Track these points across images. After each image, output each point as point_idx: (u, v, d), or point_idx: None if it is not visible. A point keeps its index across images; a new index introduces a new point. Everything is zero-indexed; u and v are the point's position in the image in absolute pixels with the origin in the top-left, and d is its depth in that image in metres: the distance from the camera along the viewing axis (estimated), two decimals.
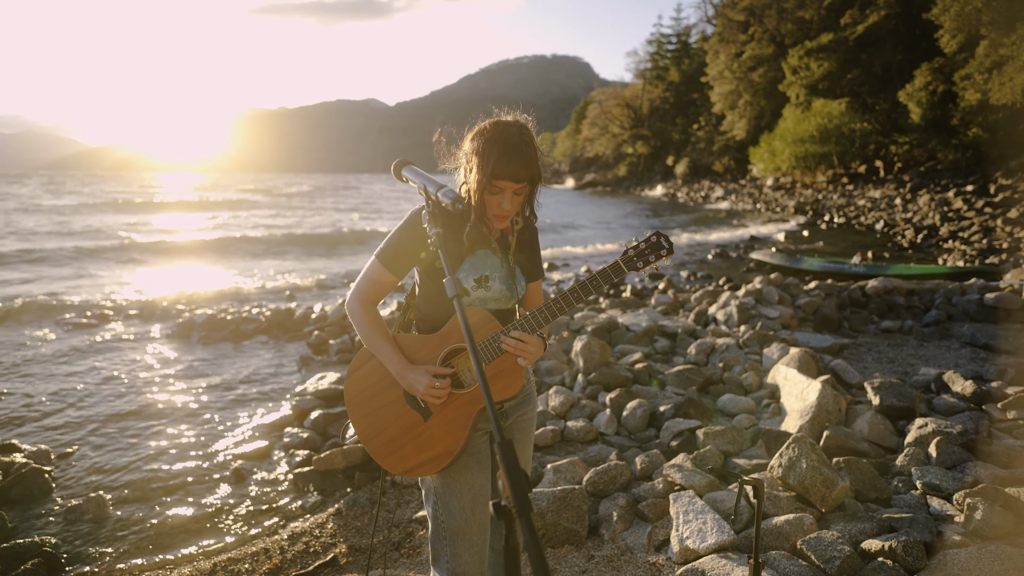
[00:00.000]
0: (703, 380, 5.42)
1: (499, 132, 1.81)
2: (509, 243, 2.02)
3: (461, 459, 1.95)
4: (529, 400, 2.20)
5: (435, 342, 1.92)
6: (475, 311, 1.90)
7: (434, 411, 1.90)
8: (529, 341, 1.84)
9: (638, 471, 3.87)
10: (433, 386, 1.83)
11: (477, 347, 1.87)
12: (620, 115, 78.84)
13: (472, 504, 1.94)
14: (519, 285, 2.03)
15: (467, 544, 1.94)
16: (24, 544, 3.31)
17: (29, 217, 27.00)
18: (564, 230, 26.43)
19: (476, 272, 1.94)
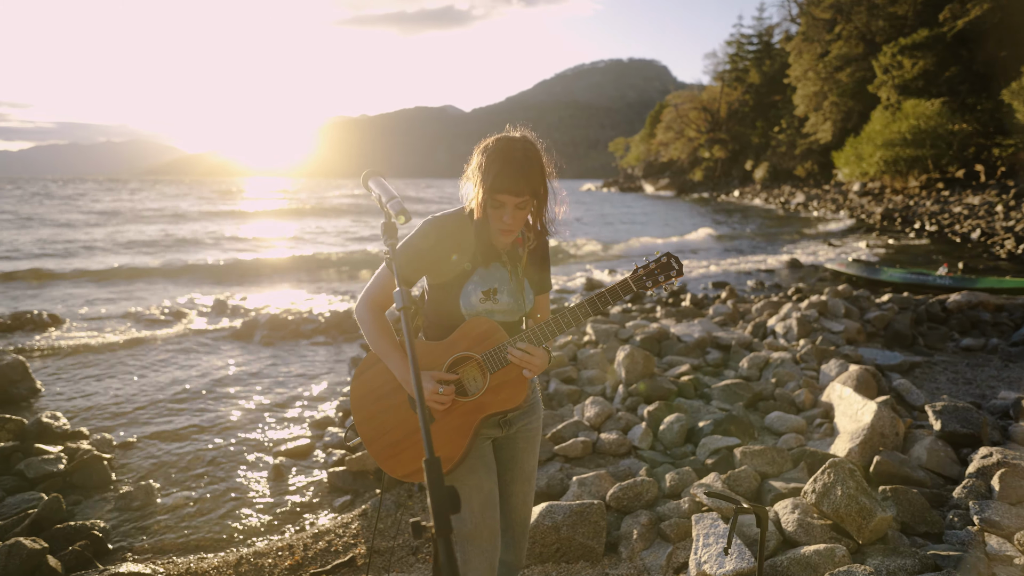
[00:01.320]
0: (752, 396, 5.18)
1: (501, 147, 1.84)
2: (520, 256, 2.03)
3: (467, 462, 1.97)
4: (534, 410, 2.19)
5: (442, 349, 1.95)
6: (482, 321, 1.93)
7: (437, 418, 1.92)
8: (535, 353, 1.87)
9: (667, 488, 3.74)
10: (436, 392, 1.85)
11: (483, 357, 1.89)
12: (696, 119, 76.93)
13: (481, 509, 1.94)
14: (527, 298, 2.05)
15: (477, 551, 1.93)
16: (75, 527, 3.55)
17: (149, 226, 28.86)
18: (628, 235, 26.01)
19: (485, 285, 1.97)
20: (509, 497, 2.16)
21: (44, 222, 28.40)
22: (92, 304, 10.90)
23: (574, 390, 5.45)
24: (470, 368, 1.93)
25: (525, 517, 2.20)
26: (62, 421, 4.98)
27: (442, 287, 1.98)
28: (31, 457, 4.37)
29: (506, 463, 2.15)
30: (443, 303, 1.99)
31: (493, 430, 2.07)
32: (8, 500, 3.91)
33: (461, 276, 1.95)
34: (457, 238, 1.94)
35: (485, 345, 1.90)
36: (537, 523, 3.17)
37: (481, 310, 1.96)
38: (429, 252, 1.92)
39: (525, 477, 2.17)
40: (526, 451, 2.16)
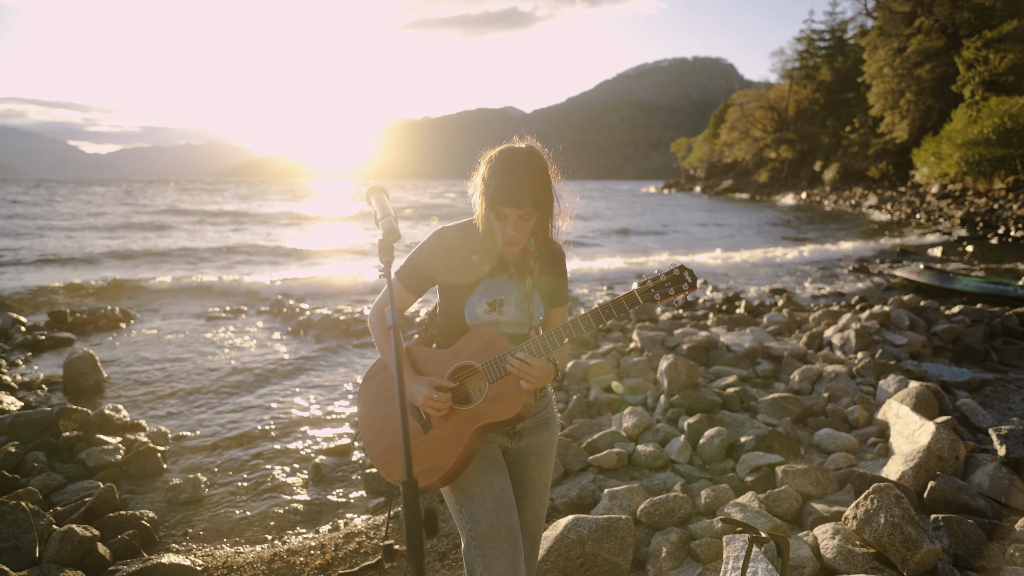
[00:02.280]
0: (801, 410, 4.96)
1: (504, 159, 1.84)
2: (530, 268, 2.02)
3: (477, 461, 1.96)
4: (547, 425, 2.16)
5: (446, 357, 1.97)
6: (486, 330, 1.93)
7: (434, 424, 1.93)
8: (534, 364, 1.84)
9: (701, 506, 3.62)
10: (431, 397, 1.86)
11: (483, 366, 1.89)
12: (763, 118, 74.50)
13: (496, 506, 1.90)
14: (536, 311, 2.03)
15: (497, 553, 1.86)
16: (126, 516, 3.74)
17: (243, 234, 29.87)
18: (688, 239, 25.41)
19: (490, 296, 1.98)
20: (520, 512, 2.13)
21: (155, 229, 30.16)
22: (162, 302, 11.50)
23: (614, 399, 5.36)
24: (477, 377, 1.94)
25: (535, 534, 2.17)
26: (122, 413, 5.26)
27: (449, 297, 2.01)
28: (92, 447, 4.64)
29: (516, 478, 2.13)
30: (450, 312, 2.01)
31: (502, 439, 2.06)
32: (69, 487, 4.16)
33: (466, 287, 1.97)
34: (461, 249, 1.96)
35: (488, 354, 1.90)
36: (562, 536, 3.13)
37: (486, 321, 1.97)
38: (431, 262, 1.96)
39: (536, 493, 2.14)
40: (537, 467, 2.13)
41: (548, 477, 2.18)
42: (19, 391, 6.08)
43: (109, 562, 3.33)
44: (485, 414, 1.89)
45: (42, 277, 14.04)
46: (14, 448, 4.46)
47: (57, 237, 23.08)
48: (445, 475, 1.88)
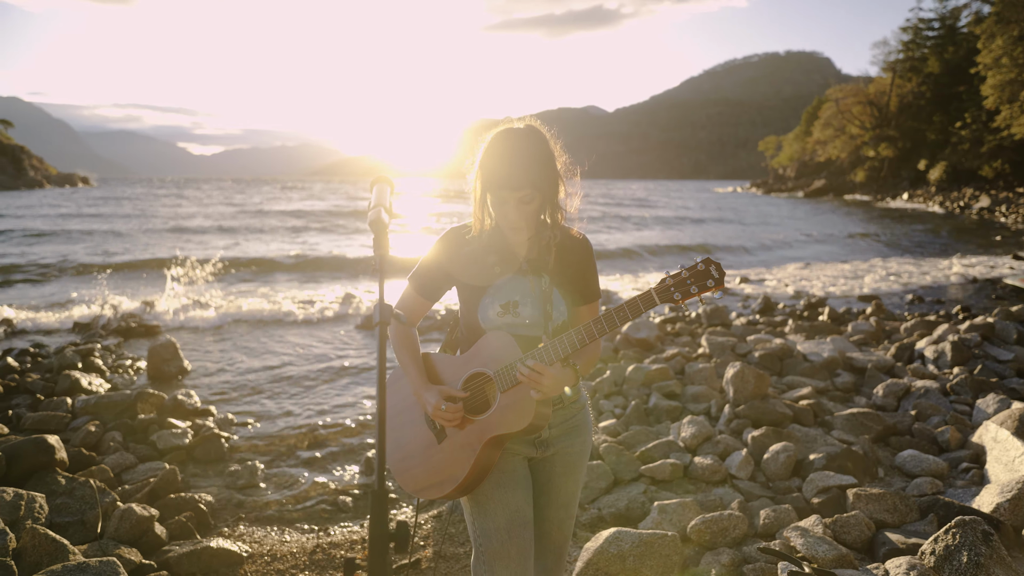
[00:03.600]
0: (883, 428, 4.55)
1: (498, 139, 1.74)
2: (546, 263, 1.88)
3: (494, 476, 1.87)
4: (578, 432, 2.03)
5: (459, 364, 1.89)
6: (499, 336, 1.82)
7: (448, 435, 1.85)
8: (545, 373, 1.70)
9: (759, 526, 3.36)
10: (440, 407, 1.77)
11: (494, 374, 1.80)
12: (860, 114, 70.12)
13: (508, 525, 1.83)
14: (556, 310, 1.89)
15: (506, 571, 1.82)
16: (185, 498, 3.89)
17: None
18: (769, 245, 24.22)
19: (503, 297, 1.87)
20: (543, 522, 2.02)
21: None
22: (243, 294, 12.10)
23: (675, 406, 5.11)
24: (488, 382, 1.84)
25: (561, 544, 2.05)
26: (194, 399, 5.52)
27: (463, 300, 1.93)
28: (164, 430, 4.88)
29: (541, 486, 2.01)
30: (466, 316, 1.93)
31: (527, 448, 1.95)
32: (139, 467, 4.38)
33: (478, 289, 1.88)
34: (469, 248, 1.87)
35: (499, 361, 1.79)
36: (602, 549, 2.97)
37: (501, 324, 1.85)
38: (440, 265, 1.90)
39: (562, 503, 2.02)
40: (564, 475, 2.01)
41: (576, 487, 2.05)
42: (108, 374, 6.52)
43: (164, 542, 3.46)
44: (496, 425, 1.79)
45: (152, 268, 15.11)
46: (94, 427, 4.75)
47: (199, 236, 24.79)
48: (459, 487, 1.81)
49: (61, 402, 5.29)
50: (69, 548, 2.96)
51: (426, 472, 1.87)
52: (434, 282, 1.92)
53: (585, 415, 2.06)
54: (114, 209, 38.44)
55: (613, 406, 5.33)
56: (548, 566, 2.05)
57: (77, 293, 11.75)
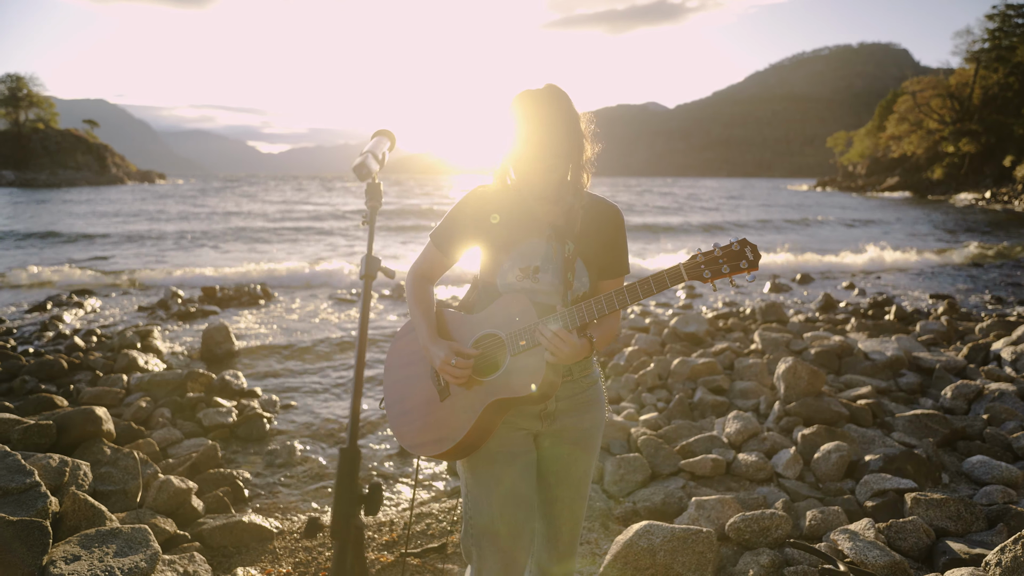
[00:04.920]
0: (950, 432, 4.21)
1: (520, 105, 1.67)
2: (571, 229, 1.80)
3: (488, 451, 1.82)
4: (588, 408, 1.93)
5: (473, 323, 1.83)
6: (516, 298, 1.75)
7: (452, 392, 1.79)
8: (567, 340, 1.62)
9: (805, 528, 3.15)
10: (449, 362, 1.71)
11: (506, 336, 1.73)
12: (939, 107, 66.28)
13: (501, 504, 1.78)
14: (578, 280, 1.80)
15: (492, 548, 1.80)
16: (223, 474, 3.97)
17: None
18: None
19: (523, 261, 1.80)
20: (554, 503, 1.93)
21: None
22: (300, 285, 12.41)
23: (721, 402, 4.89)
24: (499, 344, 1.77)
25: (572, 527, 1.95)
26: (241, 380, 5.65)
27: (483, 260, 1.87)
28: (210, 408, 5.00)
29: (550, 464, 1.92)
30: (484, 277, 1.87)
31: (531, 422, 1.86)
32: (184, 443, 4.50)
33: (500, 250, 1.80)
34: (495, 207, 1.80)
35: (514, 324, 1.72)
36: (631, 542, 2.84)
37: (519, 289, 1.78)
38: (464, 222, 1.84)
39: (572, 483, 1.91)
40: (573, 454, 1.91)
41: (587, 466, 1.94)
42: (165, 354, 6.77)
43: (200, 514, 3.53)
44: (503, 388, 1.72)
45: (227, 258, 15.71)
46: (145, 403, 4.92)
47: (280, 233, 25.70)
48: (456, 447, 1.75)
49: (117, 379, 5.51)
50: (107, 515, 3.04)
51: (424, 428, 1.83)
52: (455, 239, 1.86)
53: (597, 391, 1.96)
54: (191, 208, 40.27)
55: (656, 399, 5.15)
56: (561, 550, 1.95)
57: (141, 279, 12.33)
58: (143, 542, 2.78)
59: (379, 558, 3.19)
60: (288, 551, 3.26)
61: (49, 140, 79.14)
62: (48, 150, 78.30)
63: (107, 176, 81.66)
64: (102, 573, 2.53)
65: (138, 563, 2.65)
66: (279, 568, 3.11)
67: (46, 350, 6.68)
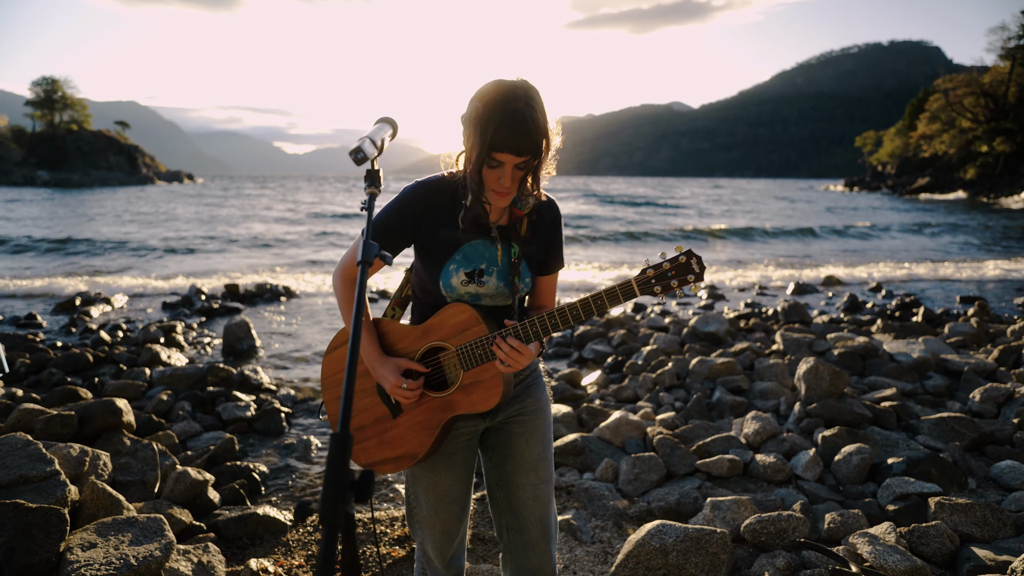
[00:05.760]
0: (978, 436, 4.09)
1: (500, 95, 1.55)
2: (516, 230, 1.77)
3: (430, 458, 1.84)
4: (530, 392, 1.92)
5: (416, 335, 1.78)
6: (462, 309, 1.72)
7: (404, 409, 1.78)
8: (525, 352, 1.64)
9: (823, 531, 3.08)
10: (400, 386, 1.70)
11: (457, 351, 1.71)
12: (973, 105, 64.72)
13: (436, 504, 1.86)
14: (522, 281, 1.79)
15: (430, 536, 1.91)
16: (240, 467, 4.01)
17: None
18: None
19: (469, 264, 1.74)
20: (516, 490, 1.89)
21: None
22: (328, 291, 12.54)
23: (740, 402, 4.81)
24: (449, 358, 1.74)
25: (541, 515, 1.89)
26: (260, 375, 5.71)
27: (423, 261, 1.78)
28: (229, 402, 5.06)
29: (502, 453, 1.90)
30: (424, 279, 1.80)
31: (475, 422, 1.87)
32: (203, 436, 4.56)
33: (442, 252, 1.73)
34: (436, 204, 1.71)
35: (463, 336, 1.69)
36: (643, 542, 2.80)
37: (463, 293, 1.74)
38: (402, 220, 1.71)
39: (528, 467, 1.88)
40: (522, 437, 1.89)
41: (541, 449, 1.90)
42: (187, 349, 6.88)
43: (216, 506, 3.57)
44: (459, 404, 1.72)
45: (241, 258, 15.95)
46: (166, 397, 5.00)
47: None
48: (415, 463, 1.80)
49: (140, 372, 5.61)
50: (125, 504, 3.09)
51: (379, 446, 1.81)
52: (395, 237, 1.73)
53: (535, 376, 1.96)
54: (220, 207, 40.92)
55: (673, 399, 5.08)
56: (534, 540, 1.89)
57: (169, 276, 12.55)
58: (158, 531, 2.81)
59: (391, 552, 3.19)
60: (301, 544, 3.28)
61: (82, 141, 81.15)
62: (81, 151, 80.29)
63: (137, 176, 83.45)
64: (117, 561, 2.57)
65: (152, 552, 2.68)
66: (291, 560, 3.13)
67: (73, 344, 6.83)
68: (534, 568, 1.90)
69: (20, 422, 3.79)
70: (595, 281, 12.84)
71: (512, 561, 1.95)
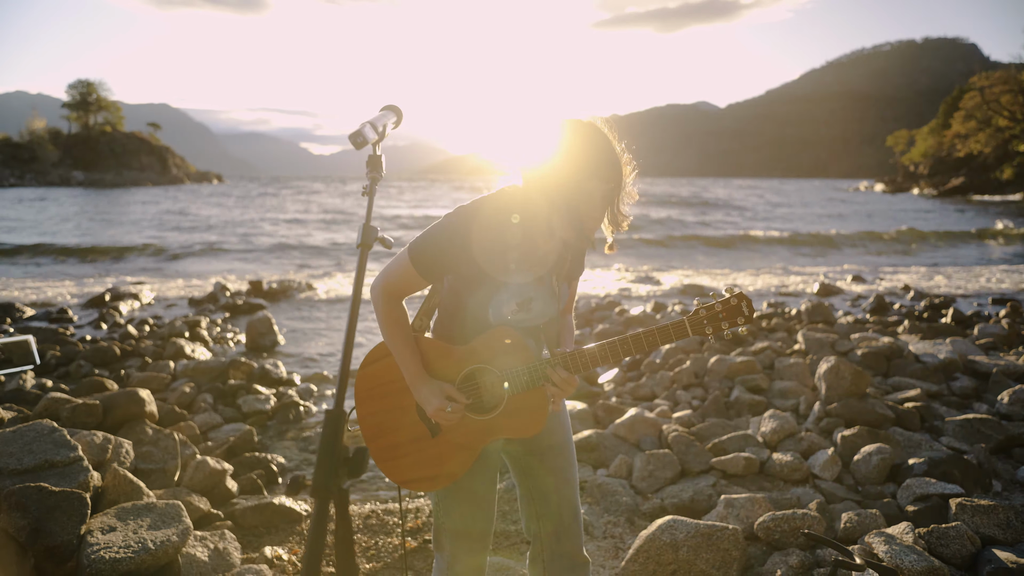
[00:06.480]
0: (1004, 438, 3.99)
1: (590, 128, 1.61)
2: (565, 258, 1.80)
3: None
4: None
5: (460, 355, 1.76)
6: (509, 332, 1.72)
7: (444, 430, 1.77)
8: (573, 383, 1.70)
9: (839, 530, 3.03)
10: (444, 409, 1.69)
11: (507, 374, 1.72)
12: (1010, 103, 62.95)
13: (472, 511, 1.83)
14: (560, 301, 1.84)
15: (465, 549, 1.86)
16: (259, 458, 4.08)
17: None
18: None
19: (521, 296, 1.74)
20: (546, 476, 1.89)
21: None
22: (342, 281, 12.67)
23: (759, 401, 4.75)
24: (490, 380, 1.74)
25: (570, 499, 1.90)
26: (281, 369, 5.80)
27: (468, 286, 1.72)
28: (249, 395, 5.15)
29: (528, 443, 1.90)
30: (467, 303, 1.74)
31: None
32: (224, 427, 4.64)
33: (495, 282, 1.70)
34: (502, 236, 1.64)
35: (509, 361, 1.70)
36: (654, 536, 2.78)
37: (512, 322, 1.73)
38: (456, 250, 1.65)
39: (555, 452, 1.89)
40: (548, 427, 1.90)
41: (564, 433, 1.92)
42: (211, 344, 7.01)
43: (234, 495, 3.64)
44: (502, 428, 1.72)
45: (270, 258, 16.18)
46: (189, 389, 5.10)
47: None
48: (452, 482, 1.79)
49: (165, 365, 5.74)
50: (145, 490, 3.16)
51: (417, 465, 1.78)
52: (445, 262, 1.68)
53: None
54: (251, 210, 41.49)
55: (691, 397, 5.04)
56: (566, 523, 1.89)
57: (197, 274, 12.79)
58: (176, 517, 2.87)
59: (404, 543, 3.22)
60: None
61: (115, 142, 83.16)
62: (114, 152, 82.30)
63: (168, 176, 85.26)
64: (135, 544, 2.63)
65: (170, 537, 2.74)
66: None
67: (101, 338, 7.01)
68: (569, 552, 1.90)
69: (47, 410, 3.90)
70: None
71: (546, 550, 1.94)
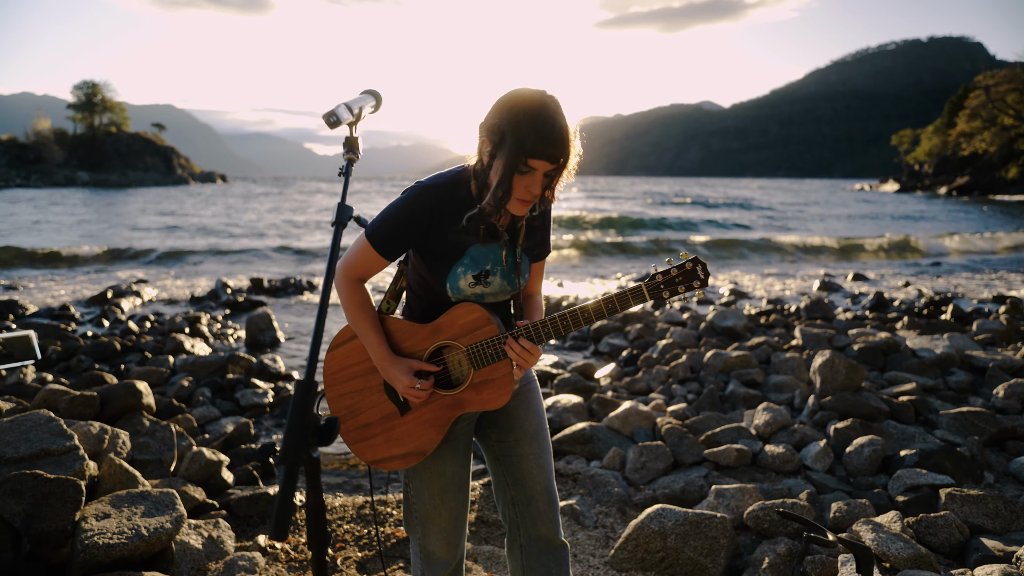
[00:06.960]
0: (998, 431, 4.00)
1: (533, 103, 1.57)
2: (519, 230, 1.80)
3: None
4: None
5: (424, 333, 1.79)
6: (472, 308, 1.75)
7: (412, 407, 1.80)
8: (535, 353, 1.70)
9: (829, 520, 3.04)
10: (413, 386, 1.72)
11: (468, 349, 1.74)
12: (1016, 102, 62.73)
13: (441, 492, 1.84)
14: (523, 277, 1.83)
15: (436, 529, 1.87)
16: (255, 449, 4.12)
17: None
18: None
19: (476, 267, 1.76)
20: (520, 461, 1.91)
21: None
22: None
23: (754, 395, 4.76)
24: (456, 355, 1.77)
25: (546, 484, 1.92)
26: (279, 364, 5.84)
27: (427, 264, 1.76)
28: (247, 389, 5.19)
29: (503, 427, 1.93)
30: (427, 279, 1.78)
31: (473, 413, 1.92)
32: (221, 420, 4.67)
33: (448, 255, 1.73)
34: (444, 209, 1.69)
35: (474, 336, 1.72)
36: (642, 525, 2.80)
37: (470, 294, 1.76)
38: (411, 226, 1.69)
39: (530, 438, 1.91)
40: (520, 409, 1.92)
41: (539, 420, 1.94)
42: (211, 340, 7.05)
43: (229, 485, 3.67)
44: (470, 402, 1.75)
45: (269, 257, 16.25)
46: (187, 383, 5.14)
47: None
48: (424, 459, 1.81)
49: (164, 360, 5.78)
50: (140, 480, 3.19)
51: (387, 443, 1.81)
52: (398, 243, 1.71)
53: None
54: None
55: (686, 391, 5.06)
56: (541, 509, 1.91)
57: (202, 273, 12.85)
58: (170, 505, 2.90)
59: (395, 532, 3.25)
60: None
61: (121, 143, 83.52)
62: (120, 152, 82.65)
63: (173, 177, 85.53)
64: (129, 530, 2.66)
65: (164, 524, 2.77)
66: (299, 538, 3.20)
67: (102, 334, 7.06)
68: (545, 536, 1.92)
69: (45, 401, 3.94)
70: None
71: (521, 535, 1.95)
